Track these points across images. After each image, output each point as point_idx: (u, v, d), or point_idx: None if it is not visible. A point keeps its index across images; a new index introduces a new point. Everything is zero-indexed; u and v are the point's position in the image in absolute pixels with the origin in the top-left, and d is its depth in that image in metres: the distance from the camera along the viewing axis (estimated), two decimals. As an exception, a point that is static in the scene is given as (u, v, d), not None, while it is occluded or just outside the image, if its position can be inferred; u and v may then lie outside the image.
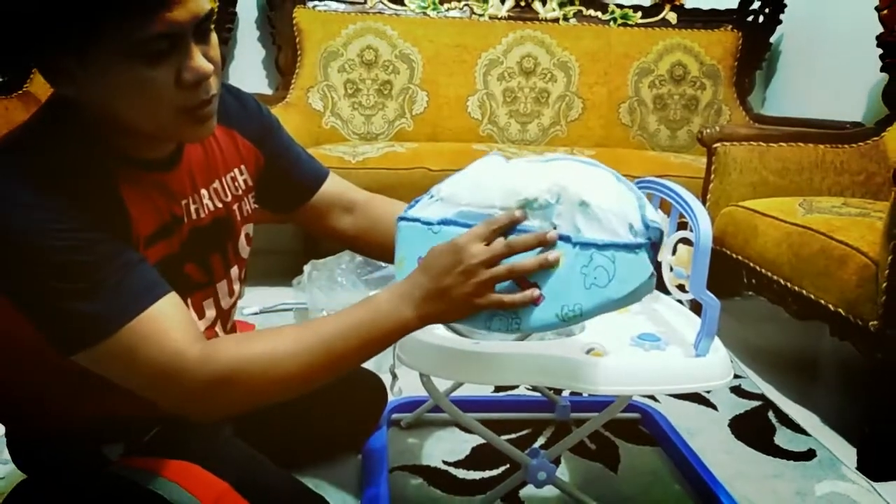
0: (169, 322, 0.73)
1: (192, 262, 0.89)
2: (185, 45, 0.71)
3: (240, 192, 0.98)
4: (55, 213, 0.70)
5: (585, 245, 0.77)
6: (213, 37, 0.76)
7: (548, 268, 0.77)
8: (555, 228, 0.78)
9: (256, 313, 2.03)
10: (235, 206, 0.96)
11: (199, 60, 0.72)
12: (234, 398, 0.76)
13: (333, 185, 1.11)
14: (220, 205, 0.93)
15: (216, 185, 0.93)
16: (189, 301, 0.89)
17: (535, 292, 0.77)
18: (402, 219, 0.90)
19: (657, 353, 0.97)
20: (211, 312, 0.93)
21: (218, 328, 0.96)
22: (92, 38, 0.67)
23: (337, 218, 1.11)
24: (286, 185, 1.06)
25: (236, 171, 0.97)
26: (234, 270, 0.98)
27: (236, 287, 0.99)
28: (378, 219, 1.09)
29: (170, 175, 0.85)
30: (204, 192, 0.90)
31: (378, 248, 1.10)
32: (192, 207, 0.88)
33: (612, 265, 0.77)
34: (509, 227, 0.79)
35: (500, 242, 0.78)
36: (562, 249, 0.78)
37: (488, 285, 0.77)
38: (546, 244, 0.77)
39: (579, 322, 0.81)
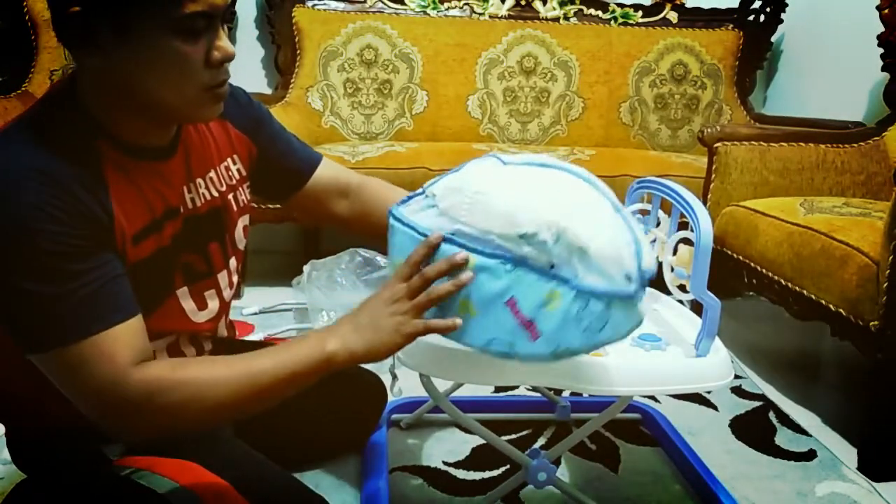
0: (124, 344, 0.75)
1: (190, 252, 0.90)
2: (216, 26, 0.78)
3: (234, 181, 0.99)
4: (48, 214, 0.70)
5: (583, 291, 0.77)
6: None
7: (461, 287, 0.79)
8: (552, 267, 0.78)
9: (256, 313, 2.03)
10: (230, 196, 0.97)
11: (227, 42, 0.79)
12: (164, 419, 0.77)
13: (327, 170, 1.12)
14: (215, 194, 0.94)
15: (212, 174, 0.94)
16: (190, 291, 0.90)
17: (458, 321, 0.80)
18: (397, 220, 0.88)
19: (658, 353, 0.97)
20: (214, 304, 0.94)
21: (221, 322, 0.98)
22: (139, 10, 0.71)
23: (333, 203, 1.12)
24: (280, 172, 1.07)
25: (229, 160, 0.99)
26: (233, 262, 0.99)
27: (234, 279, 1.00)
28: (373, 203, 1.11)
29: (167, 164, 0.86)
30: (200, 181, 0.92)
31: (373, 232, 1.10)
32: (188, 197, 0.89)
33: (607, 312, 0.78)
34: (430, 254, 0.81)
35: (417, 277, 0.81)
36: (560, 290, 0.78)
37: (414, 314, 0.81)
38: (458, 266, 0.79)
39: (570, 357, 0.83)
